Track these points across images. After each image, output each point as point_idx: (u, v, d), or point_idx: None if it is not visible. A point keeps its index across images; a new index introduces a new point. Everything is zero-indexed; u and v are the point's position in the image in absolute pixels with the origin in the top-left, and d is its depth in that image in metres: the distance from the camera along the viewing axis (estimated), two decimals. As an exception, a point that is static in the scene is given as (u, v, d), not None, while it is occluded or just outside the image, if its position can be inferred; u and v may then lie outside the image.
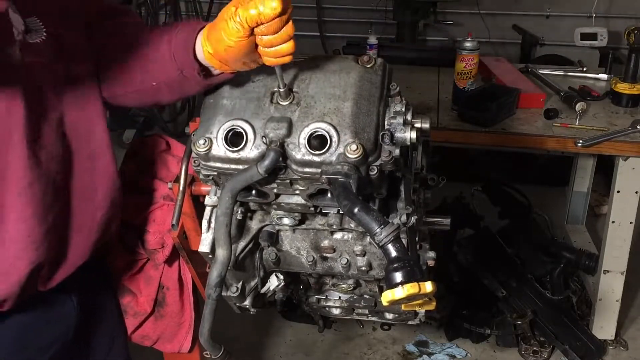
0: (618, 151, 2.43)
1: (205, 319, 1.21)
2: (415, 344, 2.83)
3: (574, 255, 2.89)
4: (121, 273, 1.73)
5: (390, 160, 1.11)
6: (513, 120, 2.59)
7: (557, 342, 2.73)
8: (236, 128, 1.12)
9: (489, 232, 3.03)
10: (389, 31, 4.27)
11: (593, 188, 3.42)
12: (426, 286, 0.98)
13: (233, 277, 1.37)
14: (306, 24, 4.61)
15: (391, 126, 1.14)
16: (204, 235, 1.32)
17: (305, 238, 1.33)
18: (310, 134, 1.09)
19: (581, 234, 3.35)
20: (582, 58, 3.64)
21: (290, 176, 1.13)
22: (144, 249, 1.67)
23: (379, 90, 1.16)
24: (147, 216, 1.67)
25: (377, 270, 1.32)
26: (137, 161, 1.76)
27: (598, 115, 2.63)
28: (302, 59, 1.20)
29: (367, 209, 1.02)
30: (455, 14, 4.35)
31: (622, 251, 2.62)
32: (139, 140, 1.79)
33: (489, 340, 2.84)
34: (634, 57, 2.63)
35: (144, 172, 1.74)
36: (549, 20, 4.32)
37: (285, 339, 2.90)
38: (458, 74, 2.64)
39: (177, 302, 1.79)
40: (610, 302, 2.71)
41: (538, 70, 3.08)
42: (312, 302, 1.58)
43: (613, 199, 2.56)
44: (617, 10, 4.13)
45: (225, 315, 1.33)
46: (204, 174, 1.18)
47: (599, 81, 2.99)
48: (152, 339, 1.84)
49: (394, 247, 1.00)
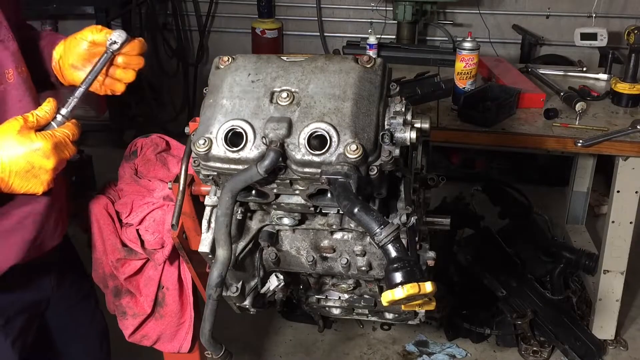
0: (618, 151, 2.43)
1: (206, 319, 1.21)
2: (415, 344, 2.83)
3: (574, 255, 2.89)
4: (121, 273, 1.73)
5: (390, 160, 1.11)
6: (513, 120, 2.59)
7: (557, 342, 2.73)
8: (236, 128, 1.11)
9: (489, 232, 3.03)
10: (389, 31, 4.27)
11: (593, 188, 3.42)
12: (426, 286, 0.98)
13: (233, 277, 1.37)
14: (306, 24, 4.61)
15: (391, 126, 1.14)
16: (204, 235, 1.32)
17: (305, 238, 1.33)
18: (310, 134, 1.09)
19: (581, 234, 3.36)
20: (582, 58, 3.65)
21: (290, 176, 1.13)
22: (144, 249, 1.67)
23: (379, 90, 1.16)
24: (147, 216, 1.68)
25: (377, 270, 1.32)
26: (137, 161, 1.76)
27: (598, 115, 2.63)
28: (302, 59, 1.20)
29: (367, 209, 1.02)
30: (455, 14, 4.35)
31: (622, 251, 2.62)
32: (139, 141, 1.79)
33: (489, 340, 2.84)
34: (634, 57, 2.63)
35: (144, 172, 1.74)
36: (549, 20, 4.32)
37: (285, 339, 2.90)
38: (458, 74, 2.64)
39: (177, 302, 1.79)
40: (610, 302, 2.71)
41: (538, 70, 3.08)
42: (312, 302, 1.58)
43: (613, 198, 2.56)
44: (617, 10, 4.13)
45: (225, 315, 1.33)
46: (204, 174, 1.18)
47: (599, 81, 2.99)
48: (152, 339, 1.85)
49: (394, 247, 1.00)
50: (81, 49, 1.36)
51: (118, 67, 1.36)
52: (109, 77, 1.37)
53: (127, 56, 1.35)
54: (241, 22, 4.69)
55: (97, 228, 1.68)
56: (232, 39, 4.77)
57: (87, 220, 1.70)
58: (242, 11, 4.66)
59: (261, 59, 1.21)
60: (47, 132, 1.17)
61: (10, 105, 1.27)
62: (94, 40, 1.34)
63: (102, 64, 1.32)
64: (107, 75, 1.37)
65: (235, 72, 1.19)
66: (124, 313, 1.79)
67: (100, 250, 1.70)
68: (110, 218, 1.68)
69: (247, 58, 1.21)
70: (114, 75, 1.37)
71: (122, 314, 1.80)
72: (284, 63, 1.19)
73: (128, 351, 2.02)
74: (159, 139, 1.79)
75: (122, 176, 1.76)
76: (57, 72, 1.41)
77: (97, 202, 1.69)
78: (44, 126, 1.19)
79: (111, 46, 1.31)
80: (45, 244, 1.40)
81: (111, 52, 1.32)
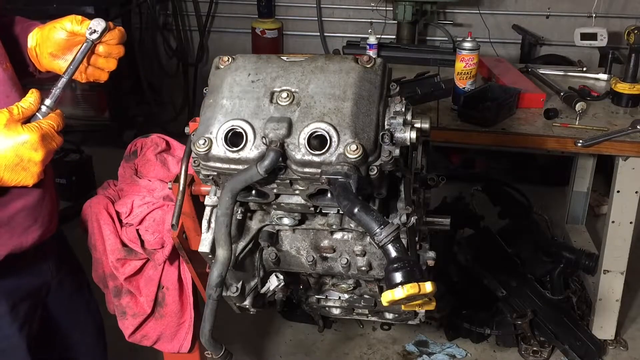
0: (618, 151, 2.43)
1: (206, 319, 1.21)
2: (415, 344, 2.83)
3: (574, 255, 2.89)
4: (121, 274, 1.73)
5: (390, 160, 1.11)
6: (513, 120, 2.59)
7: (557, 342, 2.73)
8: (236, 128, 1.11)
9: (489, 232, 3.03)
10: (389, 31, 4.27)
11: (593, 188, 3.42)
12: (426, 286, 0.98)
13: (233, 277, 1.37)
14: (306, 24, 4.61)
15: (391, 126, 1.14)
16: (204, 235, 1.32)
17: (305, 238, 1.33)
18: (310, 134, 1.09)
19: (581, 234, 3.36)
20: (582, 58, 3.65)
21: (290, 176, 1.13)
22: (144, 249, 1.67)
23: (379, 90, 1.16)
24: (147, 216, 1.68)
25: (377, 270, 1.32)
26: (137, 161, 1.76)
27: (598, 115, 2.63)
28: (302, 59, 1.20)
29: (367, 209, 1.02)
30: (455, 14, 4.35)
31: (622, 251, 2.62)
32: (139, 141, 1.79)
33: (489, 340, 2.84)
34: (634, 57, 2.63)
35: (144, 172, 1.74)
36: (549, 20, 4.32)
37: (285, 339, 2.90)
38: (458, 74, 2.64)
39: (177, 302, 1.79)
40: (610, 302, 2.71)
41: (538, 70, 3.08)
42: (312, 302, 1.58)
43: (613, 199, 2.56)
44: (617, 10, 4.13)
45: (225, 315, 1.33)
46: (204, 174, 1.18)
47: (599, 81, 2.99)
48: (152, 339, 1.85)
49: (394, 247, 1.00)
50: (60, 38, 1.36)
51: (100, 56, 1.36)
52: (91, 66, 1.37)
53: (108, 45, 1.35)
54: (241, 22, 4.69)
55: (97, 228, 1.68)
56: (232, 39, 4.77)
57: (87, 220, 1.70)
58: (242, 11, 4.66)
59: (261, 59, 1.21)
60: (34, 125, 1.17)
61: None
62: (74, 31, 1.34)
63: (82, 53, 1.31)
64: (89, 65, 1.37)
65: (235, 72, 1.19)
66: (124, 313, 1.79)
67: (100, 250, 1.70)
68: (110, 218, 1.68)
69: (247, 58, 1.21)
70: (96, 64, 1.37)
71: (122, 314, 1.80)
72: (284, 63, 1.19)
73: (128, 351, 2.02)
74: (159, 139, 1.79)
75: (122, 176, 1.76)
76: (34, 58, 1.41)
77: (97, 202, 1.69)
78: (30, 117, 1.19)
79: (91, 35, 1.31)
80: (42, 233, 1.41)
81: (91, 42, 1.32)
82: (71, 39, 1.36)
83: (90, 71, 1.38)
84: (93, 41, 1.32)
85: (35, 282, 1.49)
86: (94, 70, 1.39)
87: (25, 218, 1.35)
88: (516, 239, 3.01)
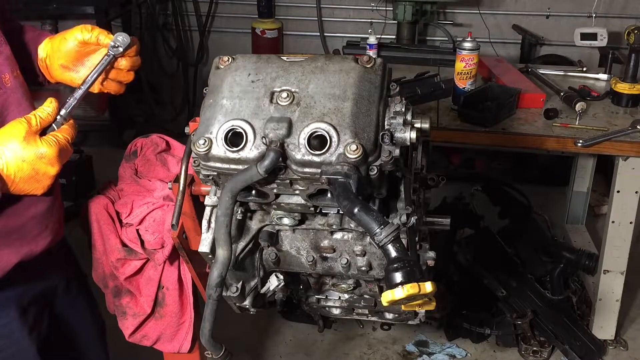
0: (618, 151, 2.43)
1: (206, 319, 1.21)
2: (415, 344, 2.83)
3: (574, 255, 2.89)
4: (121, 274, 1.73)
5: (390, 160, 1.11)
6: (513, 120, 2.59)
7: (557, 342, 2.73)
8: (236, 128, 1.11)
9: (489, 232, 3.03)
10: (389, 31, 4.27)
11: (593, 188, 3.42)
12: (426, 286, 0.98)
13: (233, 277, 1.37)
14: (306, 24, 4.61)
15: (391, 126, 1.14)
16: (204, 235, 1.32)
17: (305, 238, 1.33)
18: (310, 134, 1.09)
19: (581, 234, 3.36)
20: (582, 58, 3.64)
21: (290, 176, 1.13)
22: (144, 249, 1.67)
23: (379, 90, 1.16)
24: (147, 216, 1.68)
25: (377, 270, 1.32)
26: (137, 161, 1.76)
27: (598, 115, 2.63)
28: (302, 59, 1.20)
29: (367, 209, 1.02)
30: (455, 14, 4.35)
31: (622, 251, 2.62)
32: (139, 141, 1.79)
33: (489, 340, 2.84)
34: (634, 57, 2.63)
35: (144, 172, 1.74)
36: (549, 20, 4.32)
37: (285, 339, 2.90)
38: (458, 74, 2.64)
39: (177, 302, 1.79)
40: (610, 302, 2.71)
41: (538, 70, 3.08)
42: (312, 302, 1.58)
43: (613, 199, 2.56)
44: (617, 10, 4.13)
45: (225, 315, 1.33)
46: (204, 174, 1.18)
47: (599, 81, 2.99)
48: (152, 339, 1.85)
49: (394, 247, 1.00)
50: (71, 48, 1.35)
51: (121, 70, 1.36)
52: (111, 79, 1.37)
53: (130, 59, 1.35)
54: (241, 22, 4.69)
55: (97, 228, 1.68)
56: (232, 39, 4.77)
57: (87, 220, 1.70)
58: (242, 11, 4.66)
59: (261, 59, 1.21)
60: (52, 139, 1.17)
61: (10, 110, 1.28)
62: (84, 40, 1.34)
63: (102, 66, 1.31)
64: (108, 78, 1.37)
65: (235, 72, 1.19)
66: (124, 313, 1.79)
67: (100, 250, 1.70)
68: (110, 218, 1.68)
69: (247, 58, 1.21)
70: (116, 78, 1.38)
71: (122, 314, 1.80)
72: (284, 63, 1.19)
73: (128, 351, 2.02)
74: (159, 139, 1.79)
75: (122, 176, 1.76)
76: (44, 70, 1.41)
77: (97, 202, 1.69)
78: (46, 128, 1.19)
79: (114, 49, 1.31)
80: (52, 239, 1.42)
81: (112, 55, 1.32)
82: (82, 49, 1.35)
83: (107, 84, 1.38)
84: (114, 55, 1.32)
85: (43, 286, 1.50)
86: (112, 84, 1.39)
87: (36, 225, 1.36)
88: (516, 239, 3.01)
